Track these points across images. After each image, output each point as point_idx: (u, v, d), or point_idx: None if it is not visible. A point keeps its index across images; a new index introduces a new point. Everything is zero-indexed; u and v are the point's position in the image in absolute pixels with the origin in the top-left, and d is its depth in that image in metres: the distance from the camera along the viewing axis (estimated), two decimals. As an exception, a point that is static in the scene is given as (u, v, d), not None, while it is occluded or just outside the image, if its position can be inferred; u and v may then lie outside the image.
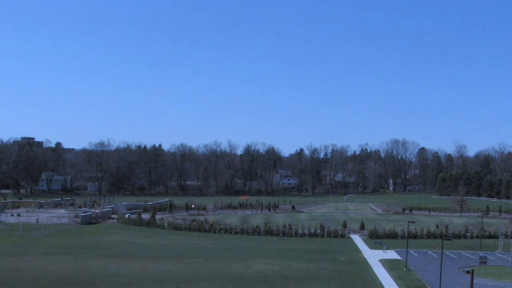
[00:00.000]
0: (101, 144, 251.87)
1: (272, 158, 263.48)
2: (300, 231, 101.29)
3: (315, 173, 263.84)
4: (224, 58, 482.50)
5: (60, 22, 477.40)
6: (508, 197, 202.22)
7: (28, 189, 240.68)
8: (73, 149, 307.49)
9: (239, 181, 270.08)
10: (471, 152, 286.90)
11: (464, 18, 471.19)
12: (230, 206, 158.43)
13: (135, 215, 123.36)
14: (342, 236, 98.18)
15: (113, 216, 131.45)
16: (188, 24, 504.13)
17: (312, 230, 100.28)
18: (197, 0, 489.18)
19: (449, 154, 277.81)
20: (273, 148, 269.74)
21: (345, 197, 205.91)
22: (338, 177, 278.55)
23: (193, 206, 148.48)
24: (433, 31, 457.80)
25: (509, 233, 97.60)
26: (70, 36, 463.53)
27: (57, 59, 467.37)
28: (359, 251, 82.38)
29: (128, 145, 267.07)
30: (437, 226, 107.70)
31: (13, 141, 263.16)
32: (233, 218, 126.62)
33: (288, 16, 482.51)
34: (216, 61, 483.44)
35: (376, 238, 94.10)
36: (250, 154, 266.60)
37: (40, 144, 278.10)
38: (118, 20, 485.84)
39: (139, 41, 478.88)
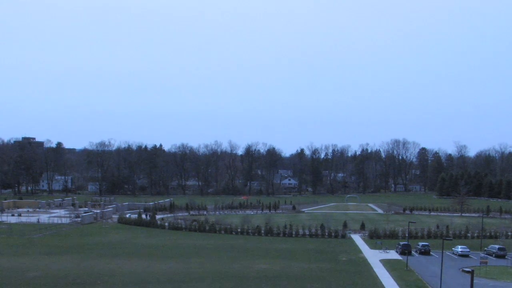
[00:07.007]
0: (102, 144, 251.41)
1: (272, 158, 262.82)
2: (300, 231, 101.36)
3: (316, 173, 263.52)
4: (225, 58, 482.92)
5: (58, 22, 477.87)
6: (508, 197, 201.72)
7: (28, 189, 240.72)
8: (74, 149, 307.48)
9: (240, 181, 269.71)
10: (471, 152, 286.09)
11: (462, 17, 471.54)
12: (231, 206, 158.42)
13: (136, 215, 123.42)
14: (343, 236, 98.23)
15: (114, 216, 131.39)
16: (189, 24, 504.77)
17: (313, 230, 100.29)
18: (200, 1, 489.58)
19: (450, 154, 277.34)
20: (273, 148, 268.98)
21: (346, 197, 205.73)
22: (339, 177, 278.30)
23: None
24: (433, 30, 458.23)
25: (509, 233, 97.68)
26: (70, 35, 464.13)
27: (57, 58, 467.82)
28: (359, 251, 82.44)
29: (128, 145, 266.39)
30: (438, 226, 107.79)
31: (14, 141, 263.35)
32: (233, 218, 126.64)
33: (287, 16, 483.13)
34: (216, 61, 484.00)
35: (377, 238, 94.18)
36: (250, 154, 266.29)
37: (40, 144, 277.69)
38: (118, 20, 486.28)
39: (139, 41, 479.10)
